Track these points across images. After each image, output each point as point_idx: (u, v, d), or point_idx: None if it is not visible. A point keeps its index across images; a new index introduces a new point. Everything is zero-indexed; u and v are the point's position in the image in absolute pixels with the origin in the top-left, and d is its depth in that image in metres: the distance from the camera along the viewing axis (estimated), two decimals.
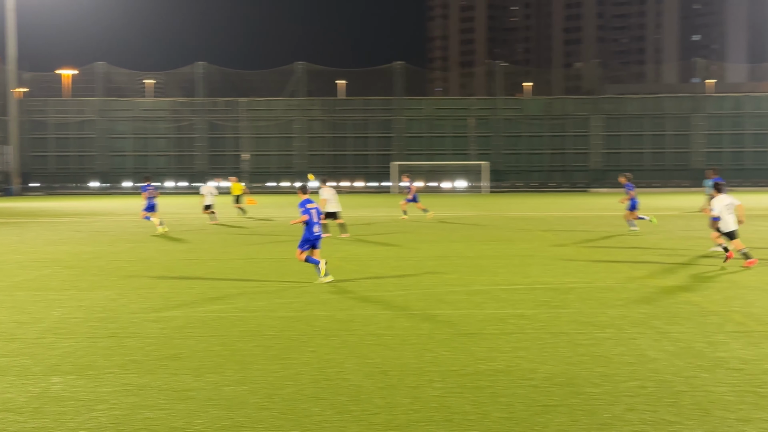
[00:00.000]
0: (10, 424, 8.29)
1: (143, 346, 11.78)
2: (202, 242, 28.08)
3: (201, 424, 8.26)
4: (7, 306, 15.19)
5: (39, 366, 10.63)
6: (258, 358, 11.03)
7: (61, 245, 27.12)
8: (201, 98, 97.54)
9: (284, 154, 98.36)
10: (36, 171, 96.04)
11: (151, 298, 16.11)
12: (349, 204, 61.64)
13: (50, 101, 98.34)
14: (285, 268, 20.67)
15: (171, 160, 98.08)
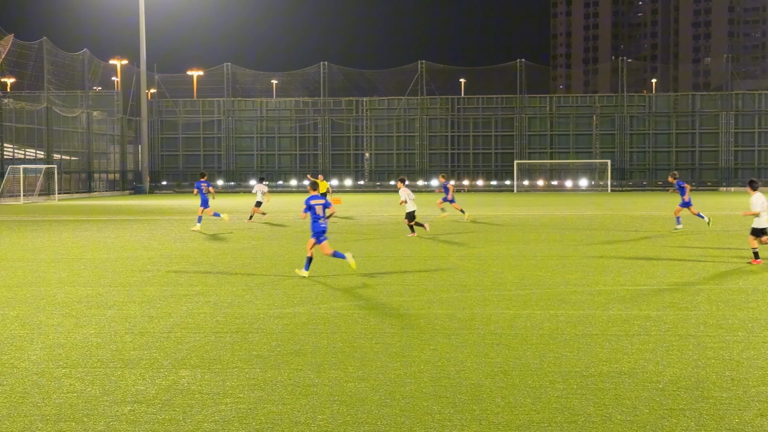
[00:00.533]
0: (141, 415, 8.55)
1: (267, 341, 11.99)
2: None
3: (323, 420, 8.36)
4: (139, 301, 15.69)
5: (168, 359, 10.94)
6: (379, 356, 11.10)
7: (189, 242, 27.86)
8: (324, 98, 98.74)
9: (405, 153, 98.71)
10: (166, 169, 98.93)
11: (275, 294, 16.39)
12: (471, 203, 61.44)
13: (179, 102, 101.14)
14: (405, 266, 20.74)
15: (294, 159, 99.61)
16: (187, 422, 8.30)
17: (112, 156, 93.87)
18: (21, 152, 74.74)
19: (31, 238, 29.86)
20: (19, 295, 16.33)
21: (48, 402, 8.96)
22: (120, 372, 10.25)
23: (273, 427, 8.12)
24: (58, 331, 12.78)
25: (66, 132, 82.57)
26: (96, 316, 14.08)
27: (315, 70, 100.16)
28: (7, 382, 9.74)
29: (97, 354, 11.22)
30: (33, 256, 23.67)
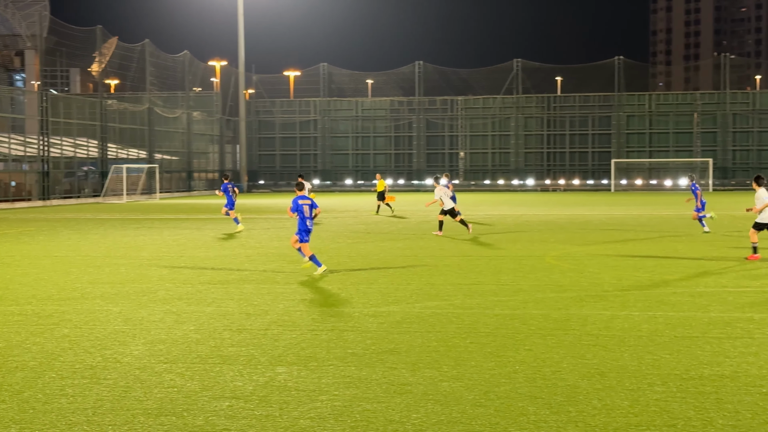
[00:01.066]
0: (239, 410, 8.70)
1: (362, 339, 12.07)
2: (419, 239, 28.46)
3: (417, 419, 8.37)
4: (237, 298, 15.95)
5: (265, 356, 11.10)
6: (473, 355, 11.07)
7: (285, 240, 28.19)
8: (419, 97, 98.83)
9: (500, 152, 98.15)
10: (263, 169, 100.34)
11: (370, 293, 16.48)
12: (567, 202, 60.84)
13: (276, 102, 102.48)
14: (500, 266, 20.64)
15: (389, 158, 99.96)
16: (284, 418, 8.41)
17: (211, 156, 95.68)
18: (124, 152, 76.74)
19: (133, 236, 30.62)
20: (122, 292, 16.76)
21: (149, 396, 9.18)
22: (218, 368, 10.44)
23: (368, 425, 8.17)
24: (159, 327, 13.09)
25: (167, 132, 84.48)
26: (195, 312, 14.37)
27: (410, 69, 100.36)
28: (110, 377, 10.01)
29: (197, 350, 11.45)
30: (135, 254, 24.27)
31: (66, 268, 20.89)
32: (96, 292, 16.79)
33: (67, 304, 15.28)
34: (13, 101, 75.26)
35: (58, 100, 70.32)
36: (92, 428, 8.09)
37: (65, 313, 14.32)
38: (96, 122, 72.06)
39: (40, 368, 10.45)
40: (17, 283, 18.22)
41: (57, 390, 9.43)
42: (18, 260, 22.67)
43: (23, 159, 64.43)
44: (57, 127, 66.29)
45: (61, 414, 8.54)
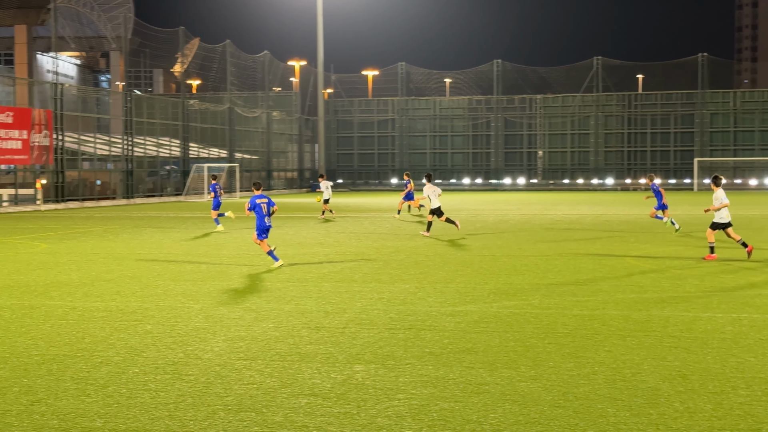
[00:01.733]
0: (317, 408, 8.77)
1: (440, 338, 12.06)
2: (497, 239, 28.33)
3: (495, 419, 8.34)
4: (315, 296, 16.08)
5: (343, 354, 11.17)
6: (552, 356, 10.98)
7: (363, 239, 28.33)
8: (497, 96, 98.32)
9: (579, 151, 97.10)
10: (341, 168, 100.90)
11: (447, 292, 16.47)
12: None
13: (355, 101, 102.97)
14: (579, 266, 20.44)
15: (467, 157, 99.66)
16: (361, 416, 8.45)
17: (290, 155, 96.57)
18: (205, 151, 77.89)
19: (214, 234, 31.06)
20: (202, 289, 17.02)
21: (229, 392, 9.31)
22: (297, 365, 10.54)
23: (445, 425, 8.17)
24: (238, 324, 13.26)
25: (247, 132, 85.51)
26: (274, 310, 14.53)
27: (488, 67, 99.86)
28: (192, 373, 10.18)
29: (276, 347, 11.57)
30: (216, 252, 24.62)
31: (149, 265, 21.30)
32: (178, 289, 17.08)
33: (150, 301, 15.59)
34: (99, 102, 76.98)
35: (141, 100, 71.72)
36: (174, 423, 8.24)
37: (148, 310, 14.60)
38: (178, 122, 73.30)
39: (123, 363, 10.67)
40: (102, 279, 18.64)
41: (140, 385, 9.63)
42: (103, 257, 23.19)
43: (108, 158, 65.85)
44: (140, 127, 67.61)
45: (144, 408, 8.71)
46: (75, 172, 60.53)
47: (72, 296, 16.22)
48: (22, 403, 8.93)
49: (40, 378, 9.96)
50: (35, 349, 11.49)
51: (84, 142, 62.28)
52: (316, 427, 8.13)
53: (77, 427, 8.14)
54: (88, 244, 27.46)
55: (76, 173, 60.69)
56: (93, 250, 25.24)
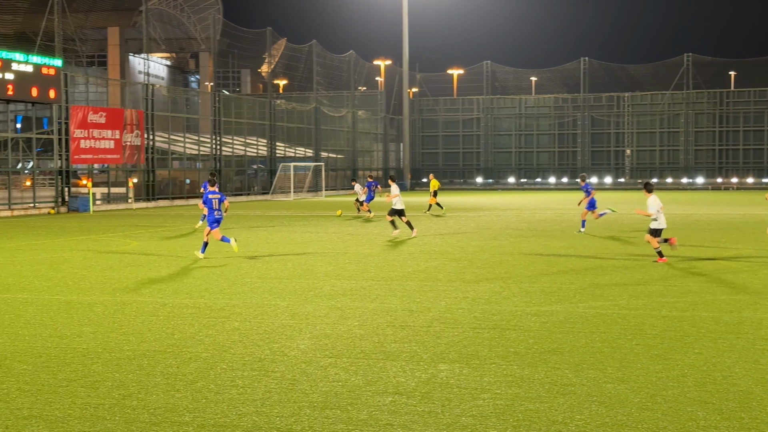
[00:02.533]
0: (402, 406, 8.79)
1: (524, 338, 11.99)
2: (582, 238, 28.01)
3: (581, 420, 8.26)
4: (399, 295, 16.12)
5: (427, 353, 11.18)
6: (639, 357, 10.82)
7: (448, 238, 28.29)
8: (584, 94, 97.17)
9: (668, 149, 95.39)
10: (426, 167, 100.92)
11: (532, 292, 16.35)
12: (739, 201, 58.56)
13: (440, 100, 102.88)
14: (667, 266, 20.08)
15: (553, 156, 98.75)
16: (446, 415, 8.45)
17: (375, 154, 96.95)
18: (291, 150, 78.68)
19: (300, 232, 31.36)
20: (289, 287, 17.20)
21: (315, 389, 9.40)
22: (381, 363, 10.58)
23: (530, 425, 8.11)
24: (324, 322, 13.37)
25: (332, 131, 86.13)
26: (359, 308, 14.61)
27: (575, 65, 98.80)
28: (278, 369, 10.30)
29: (360, 345, 11.64)
30: (302, 250, 24.86)
31: (237, 262, 21.61)
32: (264, 286, 17.30)
33: (237, 298, 15.82)
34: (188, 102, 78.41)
35: (229, 100, 72.82)
36: (261, 419, 8.35)
37: (235, 307, 14.82)
38: (265, 121, 74.20)
39: (212, 359, 10.86)
40: (191, 276, 18.98)
41: (228, 381, 9.78)
42: (192, 255, 23.59)
43: (197, 157, 67.02)
44: (228, 127, 68.64)
45: (232, 404, 8.85)
46: (165, 171, 61.77)
47: (162, 293, 16.56)
48: (114, 397, 9.16)
49: (132, 373, 10.19)
50: (126, 345, 11.76)
51: (174, 142, 63.51)
52: (400, 425, 8.15)
53: (167, 421, 8.31)
54: (178, 241, 27.99)
55: (166, 172, 61.91)
56: (182, 248, 25.72)
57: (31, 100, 47.73)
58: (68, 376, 10.00)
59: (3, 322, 13.52)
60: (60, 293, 16.63)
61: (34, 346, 11.70)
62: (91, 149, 51.83)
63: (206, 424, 8.19)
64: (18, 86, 45.49)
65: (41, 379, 9.91)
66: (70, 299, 15.85)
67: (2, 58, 44.60)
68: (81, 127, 50.83)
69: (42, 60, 47.66)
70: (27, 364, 10.61)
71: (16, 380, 9.84)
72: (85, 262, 21.91)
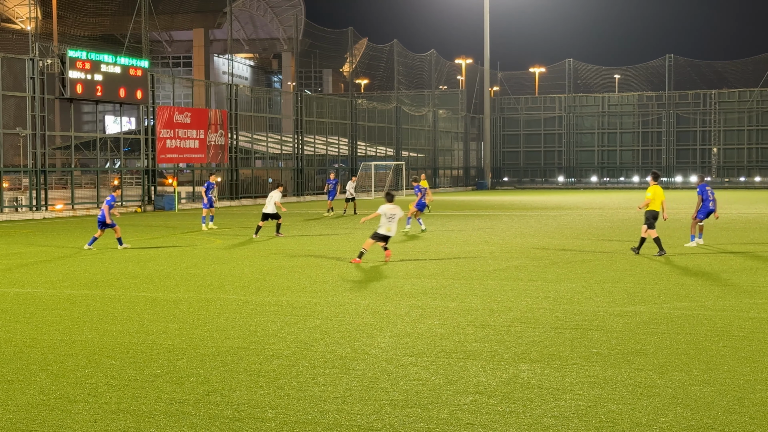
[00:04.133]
0: (483, 405, 8.77)
1: (607, 339, 11.84)
2: (666, 238, 27.55)
3: (666, 423, 8.13)
4: (480, 294, 16.06)
5: (508, 353, 11.12)
6: (726, 359, 10.61)
7: (529, 237, 28.09)
8: (669, 91, 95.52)
9: (758, 147, 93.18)
10: (507, 166, 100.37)
11: (615, 292, 16.14)
12: None
13: (521, 99, 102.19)
14: (755, 267, 19.63)
15: (636, 154, 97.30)
16: (527, 415, 8.40)
17: (456, 153, 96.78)
18: (372, 149, 78.99)
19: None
20: (369, 286, 17.28)
21: (396, 388, 9.42)
22: (462, 363, 10.56)
23: (613, 426, 8.02)
24: (404, 320, 13.40)
25: (413, 130, 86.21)
26: (440, 307, 14.60)
27: (660, 62, 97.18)
28: (359, 368, 10.36)
29: (441, 344, 11.63)
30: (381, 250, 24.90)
31: (318, 261, 21.78)
32: (345, 285, 17.41)
33: (319, 296, 15.94)
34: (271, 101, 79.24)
35: (311, 99, 73.40)
36: (342, 417, 8.41)
37: (317, 305, 14.94)
38: (346, 121, 74.63)
39: (294, 357, 10.96)
40: (273, 275, 19.19)
41: (309, 378, 9.86)
42: (274, 253, 23.86)
43: (279, 157, 67.71)
44: (310, 126, 69.21)
45: (314, 401, 8.93)
46: (248, 170, 62.55)
47: (245, 290, 16.78)
48: (199, 392, 9.31)
49: (215, 369, 10.35)
50: (210, 341, 11.95)
51: (257, 141, 64.29)
52: (481, 424, 8.13)
53: (250, 417, 8.42)
54: (260, 240, 28.31)
55: (249, 171, 62.69)
56: (265, 246, 26.02)
57: (119, 101, 48.80)
58: (154, 372, 10.21)
59: (92, 317, 13.86)
60: (146, 290, 16.97)
61: (121, 342, 11.96)
62: (176, 149, 52.77)
63: (288, 421, 8.28)
64: (106, 87, 46.54)
65: (128, 374, 10.13)
66: (156, 296, 16.17)
67: (91, 59, 45.69)
68: (167, 127, 51.79)
69: (129, 61, 48.69)
70: (115, 360, 10.86)
71: (104, 375, 10.08)
72: (170, 260, 22.33)
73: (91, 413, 8.55)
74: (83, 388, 9.52)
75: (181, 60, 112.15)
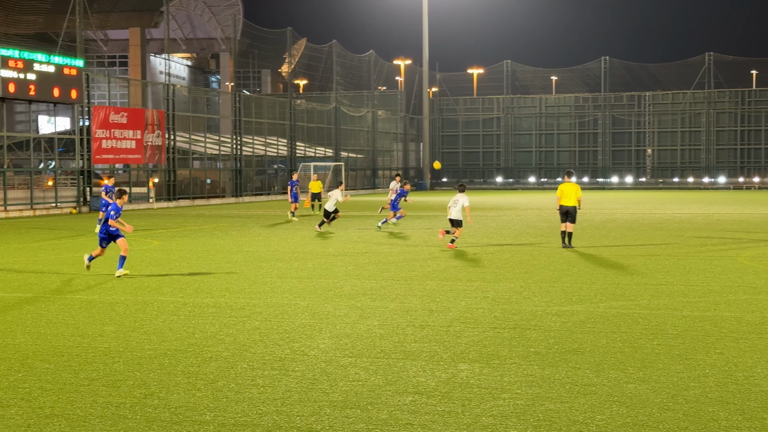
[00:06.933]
0: (422, 405, 8.79)
1: (545, 338, 11.96)
2: (603, 238, 27.92)
3: (602, 420, 8.23)
4: (419, 295, 16.11)
5: (447, 353, 11.17)
6: (661, 357, 10.78)
7: (468, 238, 28.25)
8: (604, 93, 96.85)
9: (689, 149, 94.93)
10: (446, 167, 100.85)
11: (553, 291, 16.31)
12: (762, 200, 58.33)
13: (460, 100, 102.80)
14: (689, 266, 19.98)
15: (573, 155, 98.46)
16: (466, 415, 8.44)
17: (395, 153, 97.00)
18: (311, 150, 78.80)
19: (320, 232, 31.38)
20: (309, 287, 17.23)
21: (335, 389, 9.41)
22: (401, 363, 10.59)
23: (551, 425, 8.10)
24: (344, 321, 13.38)
25: (352, 130, 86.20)
26: (379, 308, 14.61)
27: (596, 65, 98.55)
28: (298, 369, 10.32)
29: (380, 345, 11.64)
30: (322, 250, 24.89)
31: (257, 262, 21.66)
32: (285, 286, 17.33)
33: (258, 298, 15.86)
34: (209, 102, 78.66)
35: (250, 100, 73.01)
36: (281, 418, 8.37)
37: (256, 306, 14.86)
38: (285, 121, 74.35)
39: (232, 359, 10.89)
40: (212, 276, 19.04)
41: (248, 380, 9.80)
42: (212, 255, 23.69)
43: (218, 157, 67.24)
44: (249, 127, 68.82)
45: (252, 403, 8.87)
46: (186, 171, 62.01)
47: (183, 292, 16.63)
48: (136, 396, 9.20)
49: (153, 372, 10.24)
50: (148, 344, 11.82)
51: (194, 142, 63.76)
52: (420, 424, 8.15)
53: (188, 420, 8.34)
54: (199, 241, 28.09)
55: (187, 172, 62.15)
56: (203, 248, 25.81)
57: (53, 101, 48.02)
58: (90, 375, 10.06)
59: (25, 321, 13.62)
60: (82, 293, 16.73)
61: (55, 345, 11.77)
62: (112, 149, 52.11)
63: (227, 423, 8.22)
64: (40, 87, 45.78)
65: (63, 378, 9.97)
66: (91, 298, 15.95)
67: (24, 58, 44.90)
68: (103, 128, 51.11)
69: (64, 60, 47.94)
70: (49, 363, 10.68)
71: (38, 379, 9.91)
72: (106, 262, 22.03)
73: (24, 418, 8.40)
74: (16, 392, 9.34)
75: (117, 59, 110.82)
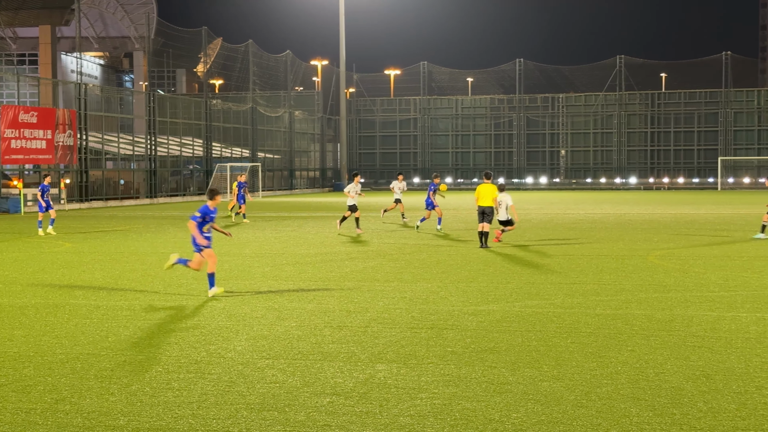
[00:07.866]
0: (340, 407, 8.78)
1: (462, 338, 12.05)
2: (519, 238, 28.25)
3: (517, 418, 8.33)
4: (337, 295, 16.10)
5: (365, 353, 11.18)
6: (574, 355, 10.95)
7: (386, 238, 28.33)
8: (519, 95, 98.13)
9: (602, 150, 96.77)
10: (363, 167, 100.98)
11: (469, 291, 16.45)
12: (672, 200, 59.65)
13: (377, 101, 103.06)
14: (602, 265, 20.36)
15: (489, 156, 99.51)
16: (384, 415, 8.46)
17: (313, 154, 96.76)
18: (228, 151, 78.12)
19: (236, 232, 31.15)
20: (225, 288, 17.06)
21: (252, 391, 9.34)
22: (319, 364, 10.56)
23: (467, 424, 8.16)
24: (261, 323, 13.30)
25: (269, 131, 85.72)
26: (297, 309, 14.56)
27: (510, 67, 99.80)
28: (214, 372, 10.22)
29: (298, 346, 11.60)
30: (239, 251, 24.70)
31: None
32: (201, 288, 17.13)
33: (173, 300, 15.66)
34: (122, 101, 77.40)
35: (164, 100, 72.05)
36: (197, 422, 8.28)
37: (171, 309, 14.67)
38: (201, 121, 73.56)
39: (147, 362, 10.73)
40: (126, 279, 18.74)
41: (163, 384, 9.67)
42: (126, 256, 23.31)
43: (131, 158, 66.20)
44: (164, 127, 67.92)
45: (167, 407, 8.75)
46: (99, 171, 60.90)
47: (96, 295, 16.32)
48: (47, 401, 9.00)
49: (65, 376, 10.02)
50: (59, 348, 11.57)
51: (108, 142, 62.65)
52: (338, 426, 8.14)
53: (101, 425, 8.19)
54: (112, 243, 27.62)
55: (100, 173, 61.05)
56: (117, 249, 25.39)
57: None
58: None
59: None
60: None
61: None
62: (22, 149, 50.90)
63: (141, 428, 8.09)
64: None
65: None
66: (0, 302, 15.54)
67: None
68: (11, 127, 49.88)
69: None
70: None
71: None
72: (16, 264, 21.51)
73: None
74: None
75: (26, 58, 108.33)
